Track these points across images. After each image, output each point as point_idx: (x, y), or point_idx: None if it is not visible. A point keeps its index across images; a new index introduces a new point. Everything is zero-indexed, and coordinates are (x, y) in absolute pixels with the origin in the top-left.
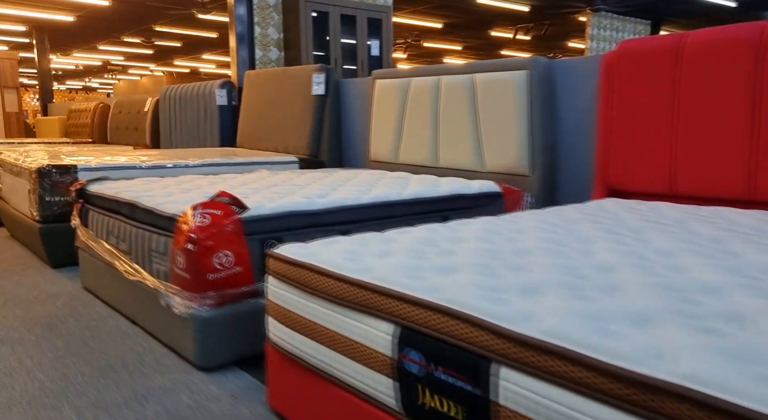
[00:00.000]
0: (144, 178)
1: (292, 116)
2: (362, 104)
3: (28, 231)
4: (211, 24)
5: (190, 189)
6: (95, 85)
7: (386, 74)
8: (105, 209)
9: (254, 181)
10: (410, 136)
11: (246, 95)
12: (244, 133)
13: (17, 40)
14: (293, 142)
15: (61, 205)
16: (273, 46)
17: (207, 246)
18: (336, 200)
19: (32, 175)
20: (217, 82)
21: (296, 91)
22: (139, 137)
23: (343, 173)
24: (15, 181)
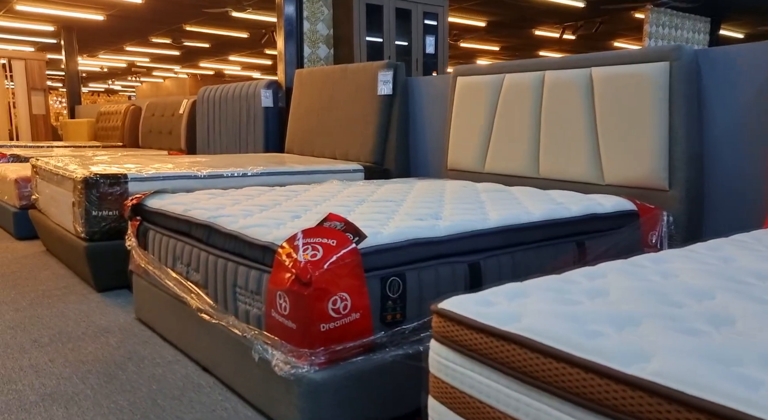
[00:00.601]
0: (206, 191)
1: (353, 119)
2: (437, 105)
3: (71, 249)
4: (244, 23)
5: (267, 205)
6: (117, 87)
7: (471, 70)
8: (171, 230)
9: (334, 195)
10: (502, 141)
11: (296, 96)
12: (293, 137)
13: (44, 40)
14: (354, 148)
15: (110, 220)
16: (322, 43)
17: (321, 288)
18: (459, 224)
19: (77, 185)
20: (262, 81)
21: (358, 90)
22: (173, 141)
23: (424, 185)
24: (55, 191)
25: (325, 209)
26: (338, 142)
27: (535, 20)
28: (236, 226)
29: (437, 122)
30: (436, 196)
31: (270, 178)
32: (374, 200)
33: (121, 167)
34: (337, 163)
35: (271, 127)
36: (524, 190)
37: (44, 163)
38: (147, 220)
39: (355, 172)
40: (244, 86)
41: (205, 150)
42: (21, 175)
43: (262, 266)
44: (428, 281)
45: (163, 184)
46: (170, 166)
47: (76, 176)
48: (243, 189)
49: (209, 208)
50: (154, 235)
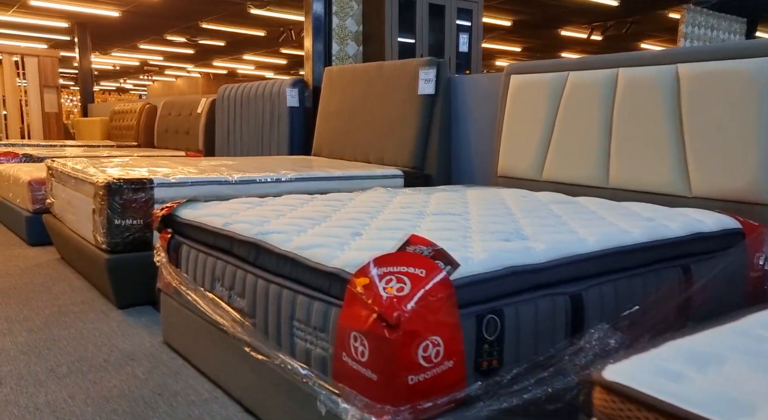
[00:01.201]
0: (242, 200)
1: (390, 120)
2: (483, 106)
3: (90, 260)
4: (263, 21)
5: (315, 218)
6: (128, 86)
7: (527, 68)
8: (208, 246)
9: (384, 206)
10: (564, 146)
11: (325, 95)
12: (322, 139)
13: (56, 37)
14: (391, 151)
15: (134, 230)
16: (351, 40)
17: (411, 330)
18: (557, 247)
19: (99, 191)
20: (288, 80)
21: (396, 89)
22: (190, 142)
23: (478, 194)
24: (72, 195)
25: (386, 224)
26: (372, 145)
27: (562, 20)
28: (291, 246)
29: (483, 125)
30: (502, 209)
31: (305, 184)
32: (433, 212)
33: (147, 171)
34: (375, 168)
35: (296, 128)
36: (597, 203)
37: (61, 165)
38: (179, 233)
39: (394, 178)
40: (268, 84)
41: (225, 151)
42: (35, 177)
43: (328, 298)
44: (527, 318)
45: (191, 190)
46: (194, 169)
47: (97, 181)
48: (281, 198)
49: (253, 222)
50: (188, 251)
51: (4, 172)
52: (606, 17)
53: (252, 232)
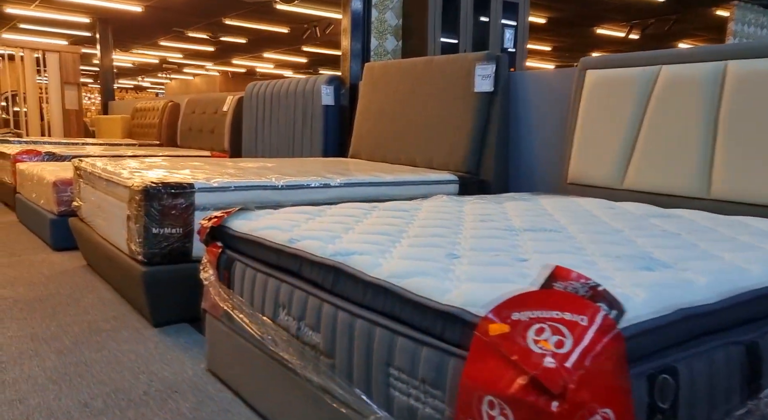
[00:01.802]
0: (297, 209)
1: (440, 120)
2: (548, 105)
3: (123, 272)
4: (288, 17)
5: (390, 233)
6: (146, 84)
7: (608, 62)
8: (270, 265)
9: (461, 219)
10: (653, 150)
11: (365, 93)
12: (361, 140)
13: (77, 33)
14: (441, 154)
15: (173, 239)
16: (390, 35)
17: (579, 402)
18: (720, 280)
19: (135, 196)
20: (323, 77)
21: (448, 86)
22: (215, 141)
23: (556, 204)
24: (103, 199)
25: (480, 244)
26: (420, 147)
27: (600, 17)
28: (382, 272)
29: (548, 126)
30: (601, 224)
31: (355, 189)
32: (525, 228)
33: (186, 175)
34: (427, 172)
35: (330, 128)
36: (709, 218)
37: (90, 166)
38: (231, 248)
39: (448, 184)
40: (301, 82)
41: (252, 152)
42: (60, 177)
43: (441, 344)
44: (701, 376)
45: (235, 196)
46: (233, 172)
47: (133, 185)
48: (339, 207)
49: (322, 238)
50: (242, 269)
51: (27, 172)
52: (647, 14)
53: (327, 252)
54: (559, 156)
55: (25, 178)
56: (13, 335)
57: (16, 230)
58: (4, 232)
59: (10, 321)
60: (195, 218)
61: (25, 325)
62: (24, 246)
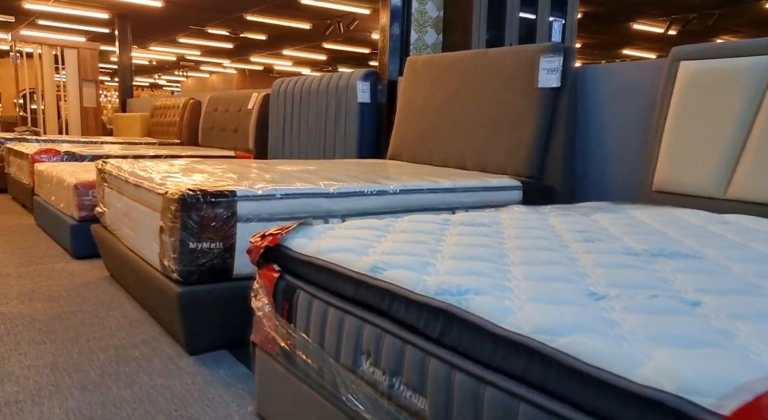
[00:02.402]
0: (363, 223)
1: (497, 119)
2: (625, 102)
3: (154, 290)
4: (311, 12)
5: (488, 257)
6: (162, 82)
7: (708, 51)
8: (345, 299)
9: (555, 236)
10: None
11: (407, 89)
12: (401, 140)
13: (95, 29)
14: (497, 156)
15: (212, 255)
16: (430, 27)
17: None
18: None
19: (170, 205)
20: (358, 72)
21: (505, 82)
22: (239, 140)
23: (655, 217)
24: (130, 206)
25: (623, 278)
26: (471, 149)
27: (638, 12)
28: (521, 324)
29: (623, 124)
30: (746, 250)
31: (413, 197)
32: (655, 253)
33: (228, 180)
34: (487, 177)
35: (366, 128)
36: None
37: (116, 169)
38: (293, 273)
39: (511, 190)
40: (333, 78)
41: (279, 152)
42: (81, 180)
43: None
44: None
45: (282, 205)
46: (273, 176)
47: (167, 192)
48: (407, 220)
49: (413, 266)
50: (308, 300)
51: (46, 173)
52: (689, 9)
53: (428, 288)
54: (639, 160)
55: (43, 179)
56: (31, 364)
57: (33, 235)
58: (22, 236)
59: (28, 346)
60: (237, 231)
61: (44, 352)
62: (42, 253)
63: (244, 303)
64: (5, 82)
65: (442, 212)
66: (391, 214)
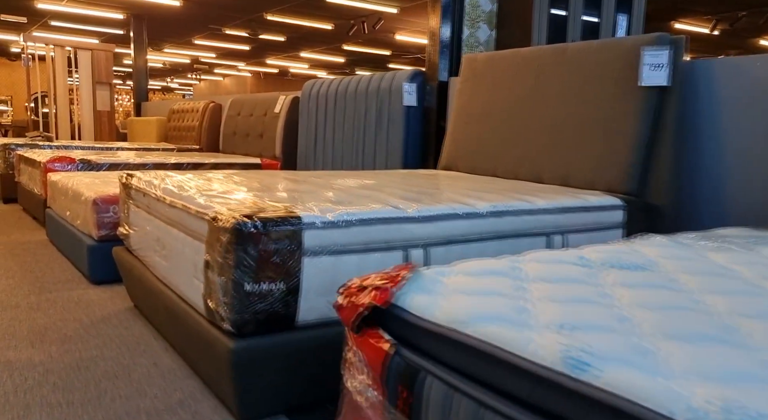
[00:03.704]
0: (482, 266)
1: (584, 124)
2: (752, 103)
3: (199, 340)
4: (335, 11)
5: (704, 332)
6: (174, 85)
7: None
8: (514, 400)
9: (746, 282)
10: None
11: (464, 91)
12: (458, 148)
13: (109, 31)
14: (584, 168)
15: (272, 299)
16: (483, 23)
17: None
18: None
19: (221, 236)
20: (404, 72)
21: (594, 80)
22: (264, 147)
23: None
24: (164, 231)
25: None
26: (549, 159)
27: (680, 9)
28: None
29: (749, 131)
30: None
31: (505, 219)
32: None
33: (288, 202)
34: (583, 194)
35: (411, 134)
36: None
37: (144, 184)
38: (413, 346)
39: (612, 210)
40: (374, 79)
41: (310, 161)
42: (101, 194)
43: None
44: None
45: (356, 233)
46: (331, 192)
47: (217, 218)
48: (533, 257)
49: (636, 362)
50: (446, 394)
51: (61, 184)
52: (738, 6)
53: (678, 405)
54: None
55: (57, 191)
56: None
57: (46, 254)
58: (33, 255)
59: (41, 410)
60: (303, 267)
61: (60, 419)
62: (56, 277)
63: (309, 357)
64: (17, 85)
65: (536, 238)
66: (479, 241)
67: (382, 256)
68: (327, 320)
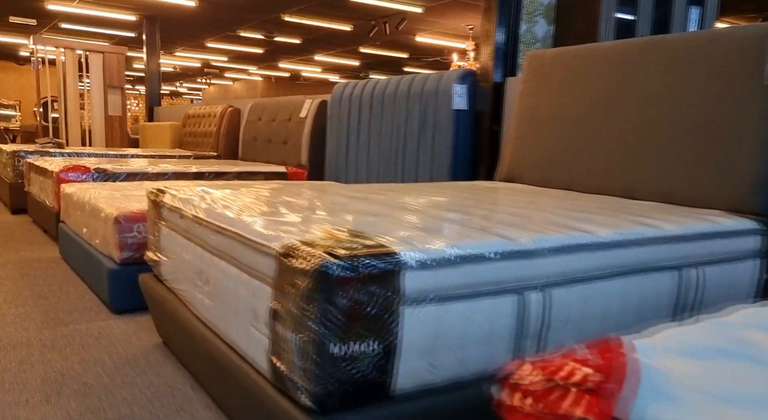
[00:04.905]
0: (698, 339)
1: (695, 129)
2: None
3: (264, 413)
4: (357, 11)
5: None
6: (182, 90)
7: None
8: None
9: None
10: None
11: (528, 92)
12: (521, 157)
13: (120, 33)
14: (699, 182)
15: (364, 363)
16: (540, 17)
17: None
18: None
19: (298, 278)
20: (453, 73)
21: (709, 78)
22: (289, 155)
23: None
24: (209, 263)
25: None
26: (646, 171)
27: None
28: None
29: None
30: None
31: (630, 251)
32: None
33: (371, 226)
34: (712, 216)
35: (461, 141)
36: None
37: (181, 203)
38: None
39: (746, 236)
40: (416, 80)
41: (341, 170)
42: (123, 211)
43: None
44: None
45: (467, 274)
46: (414, 218)
47: (294, 255)
48: (750, 320)
49: None
50: None
51: (76, 197)
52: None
53: None
54: None
55: (72, 204)
56: None
57: (59, 274)
58: (45, 277)
59: None
60: (402, 320)
61: None
62: (71, 304)
63: None
64: (25, 90)
65: (665, 273)
66: (602, 279)
67: (492, 303)
68: (428, 387)
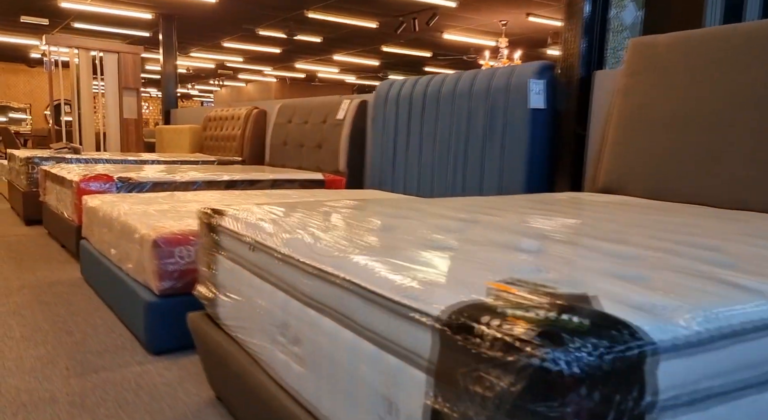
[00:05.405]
0: None
1: None
2: None
3: None
4: (385, 6)
5: None
6: (194, 92)
7: None
8: None
9: None
10: None
11: (633, 87)
12: (628, 165)
13: (135, 33)
14: None
15: None
16: (630, 2)
17: None
18: None
19: (500, 377)
20: (529, 67)
21: None
22: (324, 160)
23: None
24: (303, 318)
25: None
26: None
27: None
28: None
29: None
30: None
31: None
32: None
33: (554, 276)
34: None
35: (537, 146)
36: None
37: (250, 229)
38: None
39: None
40: (480, 75)
41: (386, 178)
42: (163, 233)
43: None
44: None
45: (735, 355)
46: (611, 265)
47: (483, 337)
48: None
49: None
50: None
51: (102, 213)
52: None
53: None
54: None
55: (97, 221)
56: None
57: (83, 301)
58: (67, 304)
59: None
60: None
61: None
62: (101, 341)
63: None
64: (36, 93)
65: None
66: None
67: (754, 402)
68: None
